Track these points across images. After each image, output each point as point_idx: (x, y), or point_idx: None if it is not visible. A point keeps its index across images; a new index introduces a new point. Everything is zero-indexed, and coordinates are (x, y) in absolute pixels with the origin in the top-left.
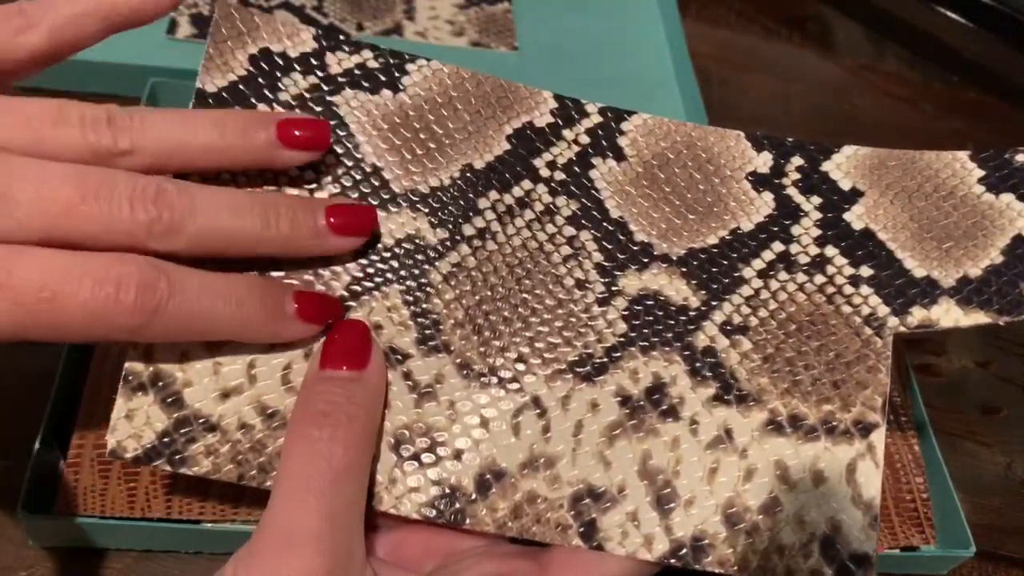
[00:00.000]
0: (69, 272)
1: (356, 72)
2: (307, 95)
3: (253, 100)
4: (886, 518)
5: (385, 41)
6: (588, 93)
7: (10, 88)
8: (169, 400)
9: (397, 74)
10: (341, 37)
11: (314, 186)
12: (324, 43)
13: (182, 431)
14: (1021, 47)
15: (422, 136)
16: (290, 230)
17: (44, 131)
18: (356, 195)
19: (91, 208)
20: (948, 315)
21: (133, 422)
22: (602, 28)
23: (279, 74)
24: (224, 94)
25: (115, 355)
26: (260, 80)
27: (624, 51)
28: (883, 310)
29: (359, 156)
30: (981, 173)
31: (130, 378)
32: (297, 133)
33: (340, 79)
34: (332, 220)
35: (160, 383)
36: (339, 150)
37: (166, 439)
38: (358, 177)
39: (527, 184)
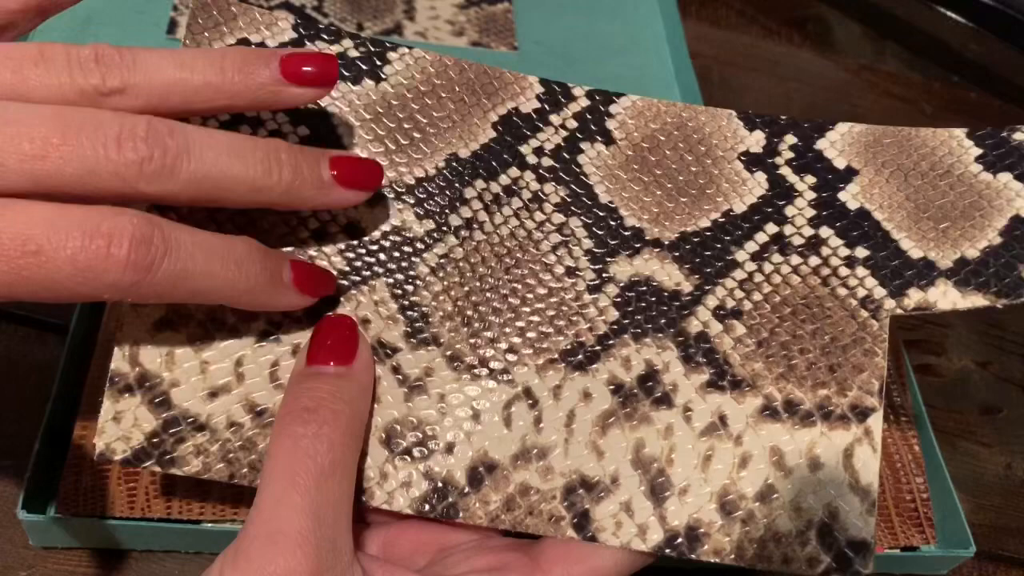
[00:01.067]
0: (55, 224)
1: (337, 61)
2: None
3: None
4: (886, 518)
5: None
6: None
7: None
8: (157, 401)
9: (379, 63)
10: (321, 25)
11: None
12: (303, 32)
13: (171, 431)
14: (1021, 47)
15: (406, 126)
16: (292, 178)
17: (26, 71)
18: None
19: (72, 148)
20: (945, 297)
21: (121, 424)
22: (602, 28)
23: None
24: None
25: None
26: None
27: (624, 51)
28: (879, 292)
29: (341, 147)
30: (978, 151)
31: (116, 380)
32: (303, 68)
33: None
34: (337, 171)
35: (147, 384)
36: (322, 143)
37: (155, 440)
38: None
39: (514, 171)
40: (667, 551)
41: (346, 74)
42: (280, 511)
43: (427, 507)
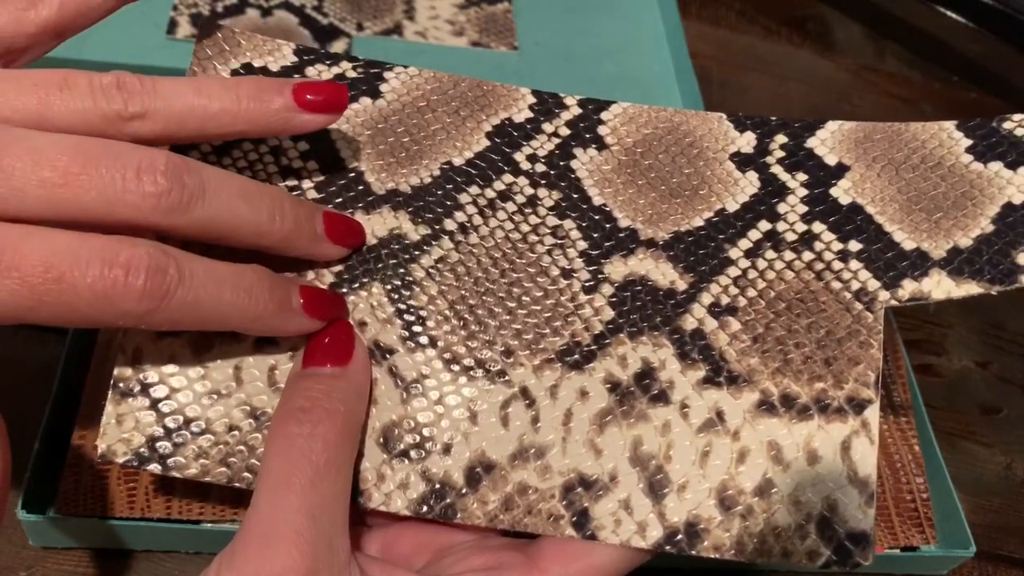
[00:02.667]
0: (76, 253)
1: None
2: None
3: None
4: (886, 518)
5: (385, 41)
6: (588, 93)
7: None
8: (158, 404)
9: (376, 82)
10: (321, 51)
11: (296, 193)
12: (303, 57)
13: (171, 435)
14: (1021, 47)
15: (403, 139)
16: (292, 228)
17: (50, 98)
18: (339, 199)
19: (91, 178)
20: (939, 287)
21: (123, 427)
22: (602, 28)
23: None
24: None
25: (114, 356)
26: None
27: (624, 51)
28: (873, 284)
29: (341, 161)
30: (968, 142)
31: (119, 384)
32: (315, 96)
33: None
34: (327, 227)
35: (149, 387)
36: (320, 156)
37: (156, 443)
38: (340, 182)
39: (508, 178)
40: (667, 548)
41: None
42: (275, 511)
43: (425, 508)
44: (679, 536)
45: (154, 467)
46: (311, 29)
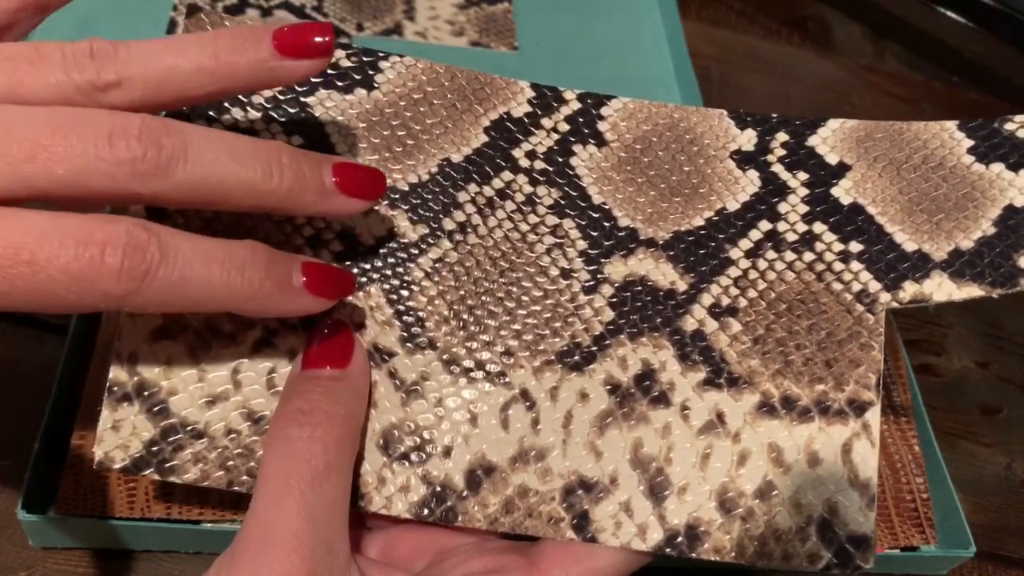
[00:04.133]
0: (49, 233)
1: (329, 72)
2: (280, 96)
3: (227, 105)
4: (886, 518)
5: (385, 41)
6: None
7: None
8: (155, 409)
9: (371, 72)
10: None
11: None
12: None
13: (169, 440)
14: (1021, 47)
15: (399, 133)
16: (293, 183)
17: (21, 71)
18: None
19: (61, 148)
20: (941, 289)
21: (119, 433)
22: (602, 28)
23: None
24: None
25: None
26: None
27: (624, 51)
28: (874, 286)
29: (336, 156)
30: (970, 143)
31: (115, 389)
32: (298, 40)
33: (313, 80)
34: (339, 178)
35: (145, 392)
36: (314, 151)
37: (153, 448)
38: None
39: (507, 175)
40: (667, 550)
41: (339, 84)
42: (274, 514)
43: (426, 511)
44: (680, 539)
45: (152, 473)
46: None
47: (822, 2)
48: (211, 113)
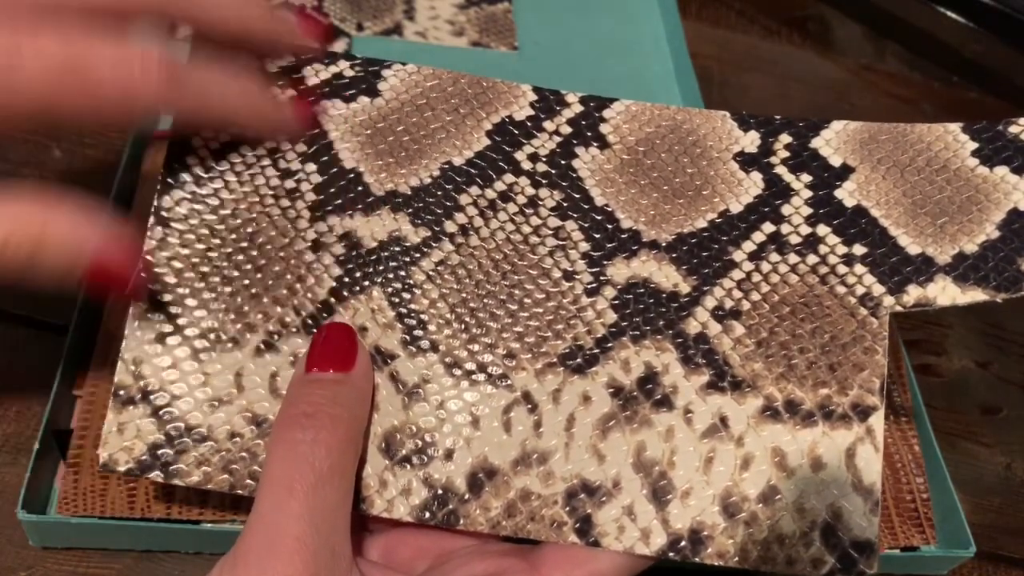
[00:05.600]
0: (93, 44)
1: (333, 82)
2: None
3: None
4: (886, 518)
5: (385, 41)
6: (589, 93)
7: None
8: (159, 412)
9: (374, 80)
10: (319, 51)
11: (296, 195)
12: (301, 57)
13: (173, 443)
14: (1021, 47)
15: (402, 139)
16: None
17: None
18: (338, 201)
19: None
20: (945, 293)
21: (124, 435)
22: (602, 28)
23: None
24: None
25: (114, 357)
26: None
27: (624, 51)
28: (878, 289)
29: (339, 162)
30: (975, 145)
31: (120, 392)
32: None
33: (318, 91)
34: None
35: (150, 395)
36: (319, 158)
37: (157, 451)
38: (339, 183)
39: (509, 178)
40: (670, 555)
41: (343, 93)
42: (277, 517)
43: (427, 514)
44: (683, 543)
45: (156, 475)
46: None
47: (822, 2)
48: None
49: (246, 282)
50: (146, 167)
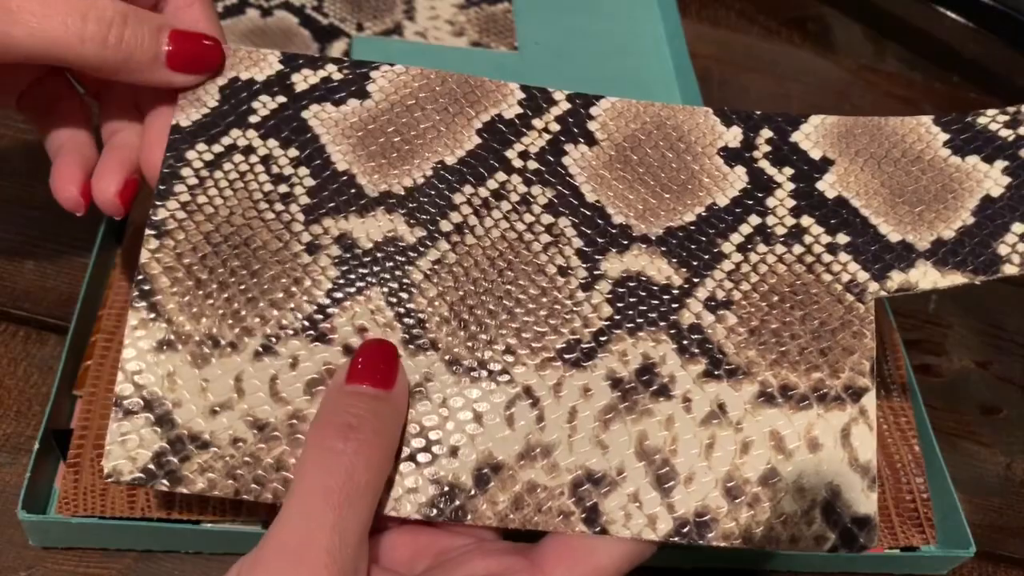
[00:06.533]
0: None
1: (322, 86)
2: (277, 114)
3: (228, 126)
4: (886, 518)
5: (385, 41)
6: (588, 93)
7: None
8: (161, 421)
9: (363, 82)
10: (306, 56)
11: (289, 200)
12: (288, 64)
13: (176, 451)
14: (1021, 47)
15: (393, 139)
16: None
17: None
18: (331, 204)
19: None
20: (926, 277)
21: (127, 445)
22: (602, 28)
23: (249, 99)
24: (198, 127)
25: (114, 356)
26: (232, 108)
27: (624, 51)
28: (862, 276)
29: (331, 165)
30: (946, 137)
31: (122, 402)
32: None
33: (307, 95)
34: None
35: (151, 405)
36: (311, 162)
37: (161, 460)
38: (332, 186)
39: (501, 176)
40: (676, 539)
41: (332, 96)
42: (309, 525)
43: (435, 511)
44: (688, 527)
45: (161, 484)
46: (311, 29)
47: (822, 2)
48: (215, 131)
49: (243, 287)
50: None
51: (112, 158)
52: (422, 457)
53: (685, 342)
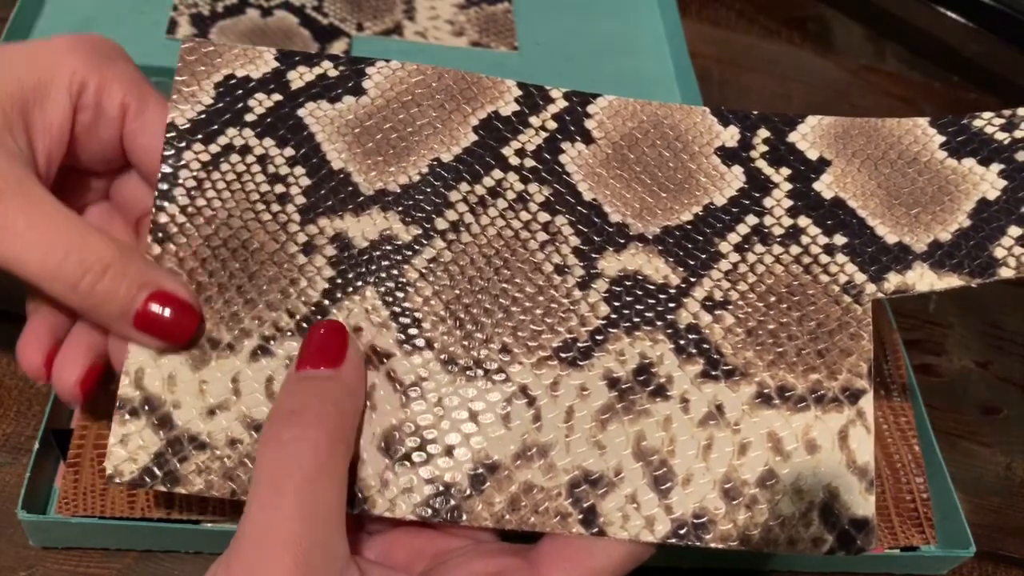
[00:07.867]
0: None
1: (318, 84)
2: (273, 112)
3: (224, 124)
4: (886, 518)
5: (385, 41)
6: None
7: None
8: (160, 422)
9: (359, 78)
10: (302, 53)
11: (285, 200)
12: (284, 62)
13: (175, 452)
14: (1021, 47)
15: (389, 136)
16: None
17: None
18: (328, 203)
19: None
20: (923, 280)
21: (127, 447)
22: (602, 28)
23: (245, 97)
24: (195, 125)
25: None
26: (228, 105)
27: (624, 51)
28: (860, 277)
29: (327, 164)
30: (942, 139)
31: (123, 404)
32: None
33: (303, 92)
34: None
35: (151, 406)
36: (307, 161)
37: (160, 460)
38: (329, 185)
39: (497, 173)
40: (674, 541)
41: (328, 94)
42: (268, 516)
43: (430, 512)
44: (686, 529)
45: (159, 485)
46: (311, 29)
47: (822, 2)
48: (211, 130)
49: (241, 289)
50: None
51: (80, 338)
52: (417, 456)
53: (682, 342)
